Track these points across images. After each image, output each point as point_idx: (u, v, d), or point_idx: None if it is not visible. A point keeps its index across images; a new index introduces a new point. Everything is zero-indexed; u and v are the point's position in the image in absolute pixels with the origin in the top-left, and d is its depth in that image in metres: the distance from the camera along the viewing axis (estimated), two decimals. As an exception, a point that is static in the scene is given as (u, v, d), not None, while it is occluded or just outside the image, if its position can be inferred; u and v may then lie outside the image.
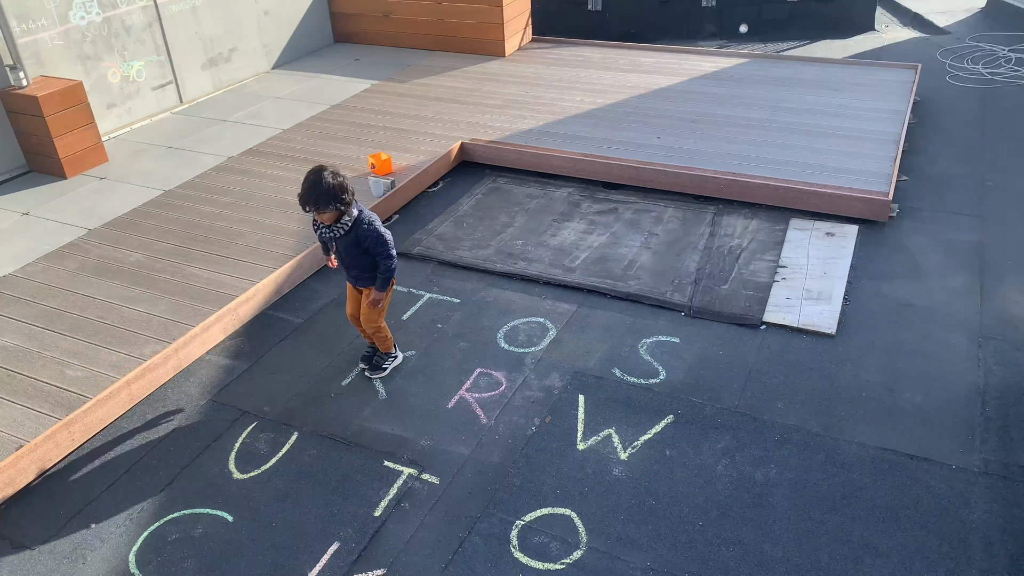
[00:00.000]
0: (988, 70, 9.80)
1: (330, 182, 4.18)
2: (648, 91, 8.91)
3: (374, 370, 4.96)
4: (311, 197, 4.20)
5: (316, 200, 4.20)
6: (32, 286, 5.74)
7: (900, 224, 6.41)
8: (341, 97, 9.19)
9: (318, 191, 4.18)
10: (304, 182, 4.22)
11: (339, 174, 4.25)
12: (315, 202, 4.21)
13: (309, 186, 4.20)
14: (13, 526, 4.09)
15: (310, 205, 4.22)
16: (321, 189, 4.18)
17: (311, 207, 4.23)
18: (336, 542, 3.90)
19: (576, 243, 6.33)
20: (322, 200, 4.20)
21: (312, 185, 4.19)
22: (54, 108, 7.24)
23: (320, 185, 4.17)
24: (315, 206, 4.23)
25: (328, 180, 4.18)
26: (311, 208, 4.24)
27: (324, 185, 4.17)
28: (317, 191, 4.18)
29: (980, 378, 4.75)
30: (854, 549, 3.74)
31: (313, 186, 4.19)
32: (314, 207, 4.23)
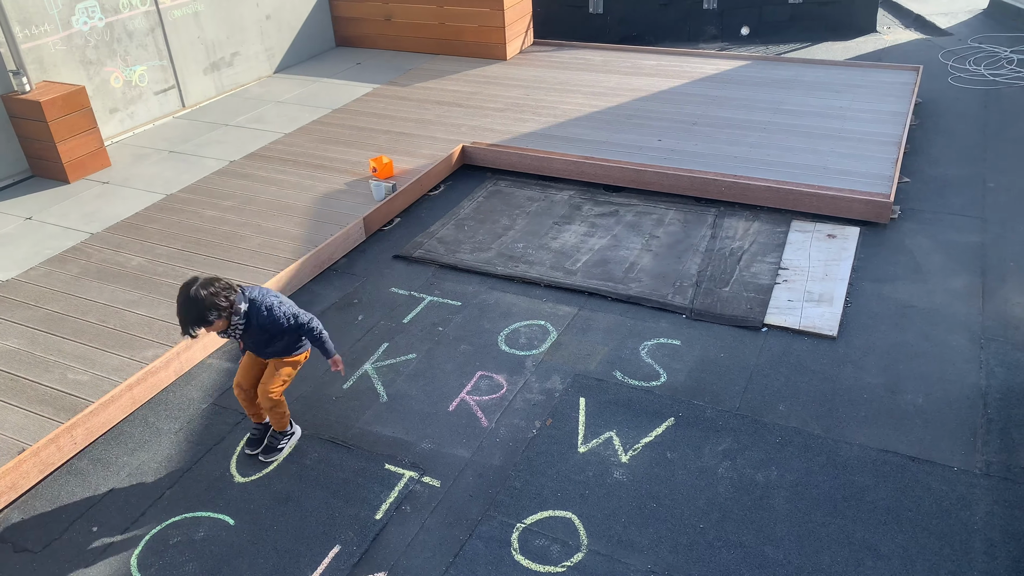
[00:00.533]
0: (990, 71, 9.79)
1: (200, 295, 3.76)
2: (649, 94, 8.92)
3: (268, 452, 4.45)
4: (190, 318, 3.80)
5: (196, 320, 3.80)
6: (35, 290, 5.76)
7: (901, 226, 6.41)
8: (343, 101, 9.21)
9: (192, 310, 3.78)
10: (177, 304, 3.83)
11: (210, 282, 3.81)
12: (196, 322, 3.81)
13: (181, 307, 3.81)
14: (15, 530, 4.10)
15: (192, 327, 3.82)
16: (193, 307, 3.77)
17: (193, 328, 3.83)
18: (337, 545, 3.90)
19: (577, 246, 6.34)
20: (201, 318, 3.80)
21: (183, 305, 3.80)
22: (57, 113, 7.27)
23: (190, 303, 3.77)
24: (198, 325, 3.82)
25: (199, 294, 3.76)
26: (194, 329, 3.83)
27: (195, 301, 3.76)
28: (190, 310, 3.78)
29: (982, 380, 4.74)
30: (855, 551, 3.73)
31: (184, 306, 3.79)
32: (197, 327, 3.82)
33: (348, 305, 5.76)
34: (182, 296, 3.79)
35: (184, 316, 3.81)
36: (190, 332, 3.84)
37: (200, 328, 3.84)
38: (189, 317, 3.80)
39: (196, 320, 3.80)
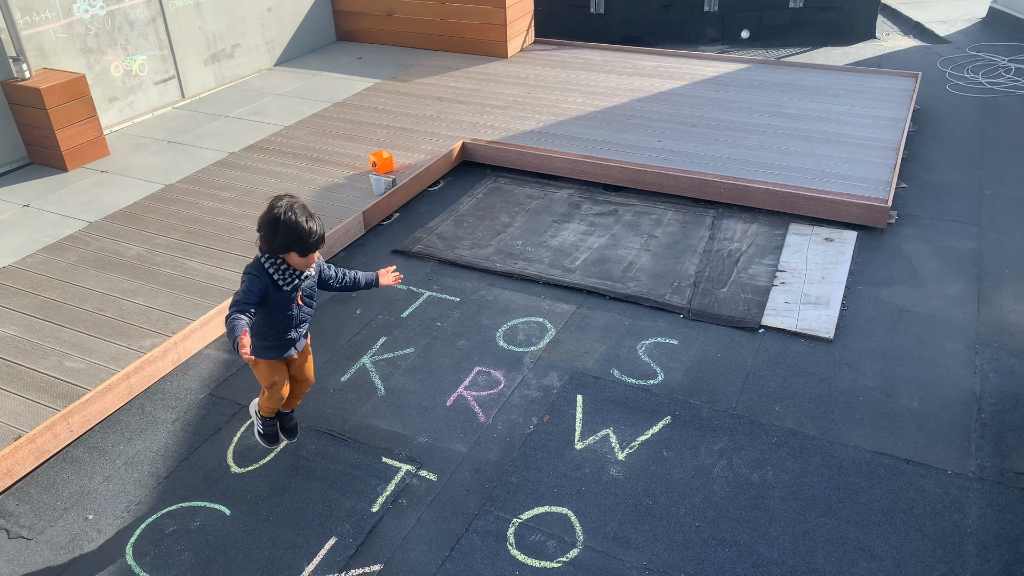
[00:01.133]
0: (988, 80, 9.85)
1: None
2: (649, 94, 8.94)
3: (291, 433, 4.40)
4: (319, 232, 3.61)
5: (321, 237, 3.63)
6: (32, 277, 5.74)
7: (899, 231, 6.45)
8: (343, 95, 9.21)
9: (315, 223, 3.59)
10: (301, 222, 3.54)
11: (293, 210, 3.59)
12: (322, 238, 3.65)
13: (309, 220, 3.57)
14: (10, 516, 4.09)
15: (320, 242, 3.64)
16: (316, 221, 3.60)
17: (320, 243, 3.65)
18: (333, 537, 3.91)
19: (576, 244, 6.35)
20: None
21: (309, 219, 3.57)
22: (56, 101, 7.24)
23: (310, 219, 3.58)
24: (322, 241, 3.65)
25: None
26: (319, 245, 3.66)
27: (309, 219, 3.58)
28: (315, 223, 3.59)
29: (976, 384, 4.77)
30: (849, 552, 3.76)
31: (312, 218, 3.59)
32: (321, 242, 3.66)
33: (346, 299, 5.76)
34: (287, 201, 3.57)
35: (318, 230, 3.60)
36: (319, 245, 3.65)
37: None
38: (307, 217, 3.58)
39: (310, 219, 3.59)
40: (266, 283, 3.62)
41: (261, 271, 3.64)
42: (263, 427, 4.25)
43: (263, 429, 4.26)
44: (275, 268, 3.65)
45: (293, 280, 3.71)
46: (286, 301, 3.74)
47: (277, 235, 3.54)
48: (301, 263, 3.66)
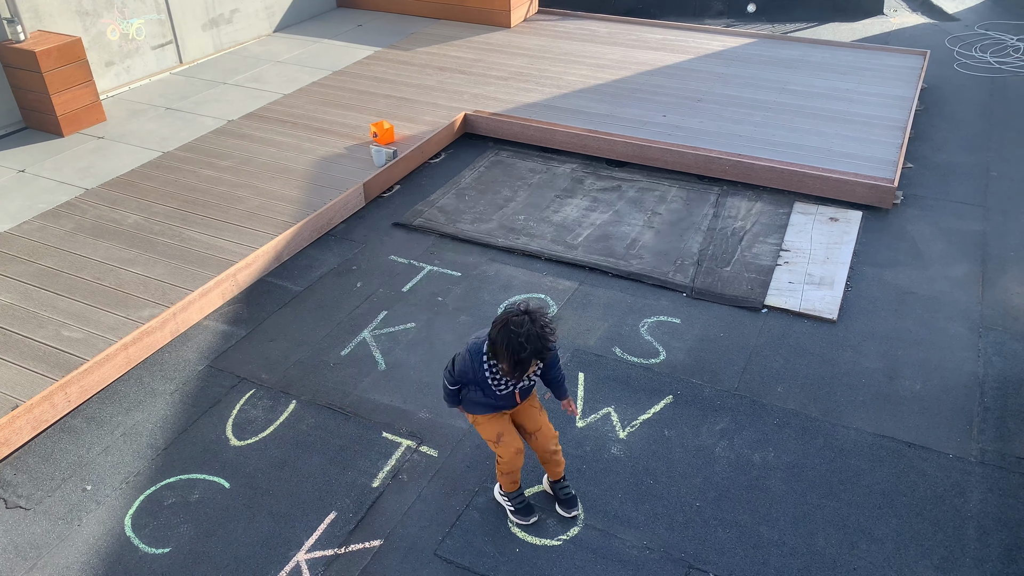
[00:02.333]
0: (996, 59, 9.73)
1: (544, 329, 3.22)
2: (654, 68, 8.82)
3: (568, 505, 3.87)
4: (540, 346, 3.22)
5: (539, 353, 3.23)
6: (28, 244, 5.67)
7: (904, 211, 6.39)
8: (343, 63, 9.07)
9: (538, 343, 3.20)
10: (530, 336, 3.18)
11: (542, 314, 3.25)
12: (538, 354, 3.24)
13: (526, 341, 3.18)
14: (8, 486, 4.07)
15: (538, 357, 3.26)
16: (539, 341, 3.20)
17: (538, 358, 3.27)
18: (334, 511, 3.90)
19: (579, 220, 6.29)
20: (543, 349, 3.24)
21: (529, 338, 3.18)
22: (52, 64, 7.11)
23: (535, 337, 3.19)
24: (538, 357, 3.26)
25: (543, 329, 3.21)
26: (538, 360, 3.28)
27: (540, 337, 3.20)
28: (535, 344, 3.20)
29: (979, 368, 4.76)
30: (849, 534, 3.76)
31: (529, 339, 3.18)
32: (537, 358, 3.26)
33: (347, 271, 5.71)
34: (527, 329, 3.17)
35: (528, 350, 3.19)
36: (535, 360, 3.26)
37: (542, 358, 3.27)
38: (533, 350, 3.20)
39: (539, 352, 3.22)
40: (479, 378, 3.42)
41: (476, 365, 3.40)
42: (511, 503, 3.82)
43: (512, 506, 3.82)
44: (491, 370, 3.40)
45: (507, 386, 3.46)
46: (495, 394, 3.51)
47: (501, 350, 3.23)
48: (511, 375, 3.31)
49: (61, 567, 3.66)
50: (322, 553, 3.70)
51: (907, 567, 3.60)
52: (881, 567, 3.60)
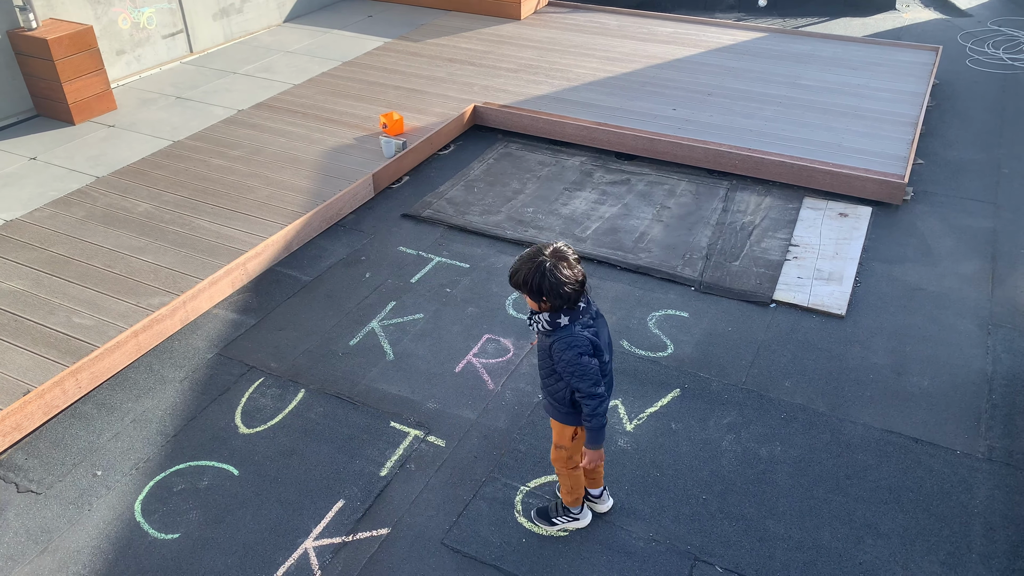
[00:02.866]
0: (1009, 55, 9.67)
1: (532, 266, 3.04)
2: (664, 61, 8.80)
3: (539, 514, 3.83)
4: (520, 278, 3.08)
5: (525, 283, 3.07)
6: (39, 232, 5.70)
7: (914, 208, 6.37)
8: (353, 54, 9.07)
9: (532, 276, 3.04)
10: (524, 261, 3.09)
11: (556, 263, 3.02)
12: (524, 285, 3.08)
13: (525, 265, 3.07)
14: (19, 471, 4.10)
15: (521, 285, 3.10)
16: (535, 275, 3.03)
17: (520, 287, 3.12)
18: (341, 499, 3.92)
19: (587, 213, 6.29)
20: (533, 287, 3.06)
21: (527, 264, 3.06)
22: (63, 52, 7.13)
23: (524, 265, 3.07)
24: (524, 289, 3.11)
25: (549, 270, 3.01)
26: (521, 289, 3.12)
27: (541, 274, 3.02)
28: (531, 274, 3.05)
29: (988, 365, 4.75)
30: (855, 529, 3.76)
31: (527, 268, 3.06)
32: (524, 289, 3.11)
33: (355, 262, 5.73)
34: (529, 263, 3.04)
35: (518, 276, 3.08)
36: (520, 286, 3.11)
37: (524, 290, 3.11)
38: (520, 278, 3.07)
39: (526, 285, 3.07)
40: (589, 336, 3.18)
41: (577, 331, 3.15)
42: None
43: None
44: (584, 321, 3.18)
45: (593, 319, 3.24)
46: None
47: (554, 285, 3.03)
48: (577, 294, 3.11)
49: (72, 551, 3.69)
50: (330, 541, 3.73)
51: (913, 562, 3.61)
52: (887, 562, 3.61)
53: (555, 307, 3.09)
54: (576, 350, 3.10)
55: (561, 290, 3.01)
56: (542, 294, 3.04)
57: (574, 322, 3.13)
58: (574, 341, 3.11)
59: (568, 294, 3.03)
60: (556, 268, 3.00)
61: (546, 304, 3.09)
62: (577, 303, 3.11)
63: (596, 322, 3.23)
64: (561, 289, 3.00)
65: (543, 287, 3.02)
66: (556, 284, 3.00)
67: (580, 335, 3.12)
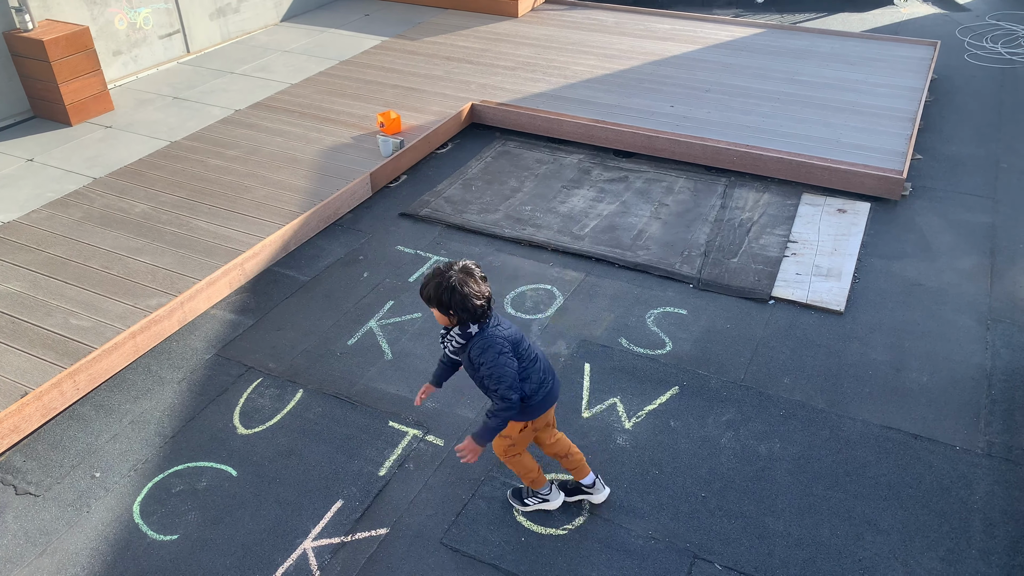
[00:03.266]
0: (1007, 50, 9.66)
1: (453, 286, 3.14)
2: (662, 58, 8.78)
3: (514, 496, 3.91)
4: (429, 292, 3.22)
5: (434, 300, 3.21)
6: (37, 233, 5.69)
7: (912, 203, 6.36)
8: (350, 53, 9.05)
9: (439, 292, 3.18)
10: (430, 279, 3.23)
11: (470, 279, 3.17)
12: (434, 301, 3.22)
13: (431, 282, 3.21)
14: (17, 473, 4.10)
15: (431, 301, 3.23)
16: (444, 292, 3.16)
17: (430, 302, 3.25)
18: (340, 500, 3.92)
19: (585, 211, 6.28)
20: (441, 302, 3.19)
21: (432, 281, 3.20)
22: (60, 53, 7.12)
23: (441, 287, 3.17)
24: (433, 304, 3.24)
25: (454, 284, 3.14)
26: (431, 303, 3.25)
27: (447, 290, 3.15)
28: (439, 290, 3.18)
29: (987, 360, 4.74)
30: (855, 525, 3.76)
31: (433, 285, 3.20)
32: (433, 304, 3.24)
33: (353, 261, 5.72)
34: (438, 278, 3.17)
35: (426, 290, 3.21)
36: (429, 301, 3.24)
37: (433, 304, 3.23)
38: (429, 291, 3.20)
39: (434, 300, 3.19)
40: (514, 342, 3.34)
41: (498, 335, 3.27)
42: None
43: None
44: (502, 331, 3.31)
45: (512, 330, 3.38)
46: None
47: (464, 302, 3.17)
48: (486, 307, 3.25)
49: (70, 553, 3.69)
50: (329, 541, 3.72)
51: (913, 559, 3.60)
52: (887, 558, 3.60)
53: (463, 320, 3.23)
54: (494, 350, 3.22)
55: (468, 303, 3.14)
56: (450, 307, 3.17)
57: (484, 329, 3.25)
58: (489, 342, 3.23)
59: (475, 308, 3.17)
60: (464, 283, 3.14)
61: (454, 318, 3.23)
62: (485, 319, 3.24)
63: (511, 330, 3.35)
64: (468, 303, 3.14)
65: (452, 301, 3.15)
66: (464, 298, 3.13)
67: (495, 336, 3.25)
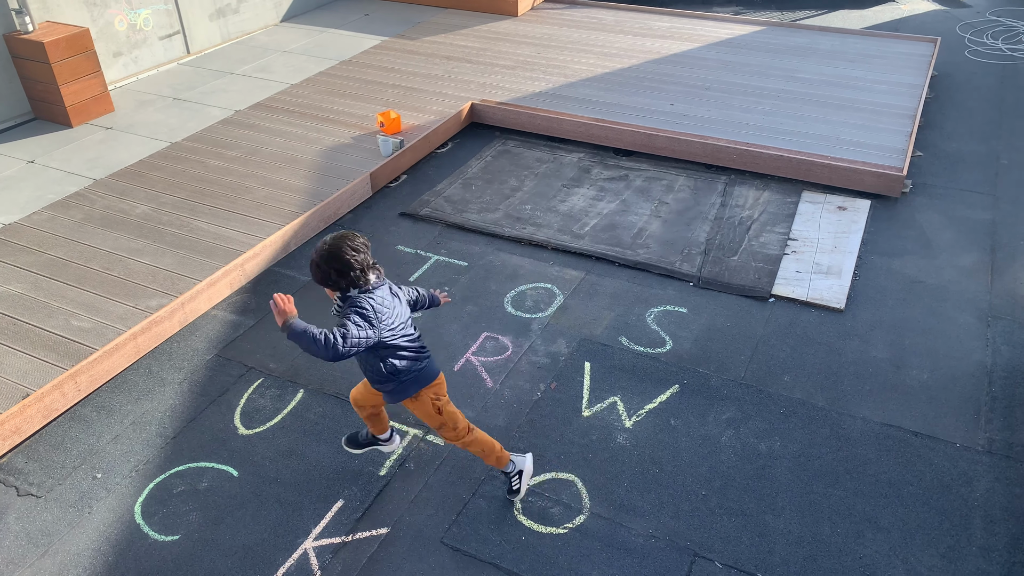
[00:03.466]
0: (1008, 46, 9.64)
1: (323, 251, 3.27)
2: (661, 56, 8.78)
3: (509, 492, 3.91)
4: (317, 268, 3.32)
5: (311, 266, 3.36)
6: (38, 235, 5.70)
7: (913, 200, 6.36)
8: (350, 53, 9.06)
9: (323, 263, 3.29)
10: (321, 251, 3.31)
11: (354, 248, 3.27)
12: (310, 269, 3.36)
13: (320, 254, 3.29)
14: (19, 474, 4.11)
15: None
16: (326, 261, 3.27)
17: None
18: (341, 499, 3.92)
19: (585, 209, 6.28)
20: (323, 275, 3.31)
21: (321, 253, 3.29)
22: (60, 55, 7.13)
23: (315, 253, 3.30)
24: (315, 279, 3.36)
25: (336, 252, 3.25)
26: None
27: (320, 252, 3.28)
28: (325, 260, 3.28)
29: (987, 357, 4.74)
30: (855, 523, 3.76)
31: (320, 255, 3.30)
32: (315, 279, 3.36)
33: (354, 261, 5.72)
34: (319, 249, 3.27)
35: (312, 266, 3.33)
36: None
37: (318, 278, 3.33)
38: (312, 268, 3.33)
39: (316, 271, 3.30)
40: (378, 312, 3.35)
41: (366, 304, 3.31)
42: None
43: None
44: (372, 299, 3.34)
45: (392, 301, 3.44)
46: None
47: (348, 262, 3.26)
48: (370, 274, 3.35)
49: (72, 554, 3.70)
50: (329, 541, 3.73)
51: (913, 556, 3.60)
52: (887, 556, 3.60)
53: (342, 288, 3.32)
54: (355, 308, 3.28)
55: (349, 272, 3.25)
56: (330, 277, 3.27)
57: (361, 294, 3.33)
58: (357, 302, 3.29)
59: (355, 274, 3.26)
60: (341, 249, 3.24)
61: (336, 291, 3.34)
62: (363, 284, 3.31)
63: (392, 300, 3.44)
64: (349, 271, 3.25)
65: (331, 269, 3.25)
66: (344, 265, 3.23)
67: (363, 299, 3.30)
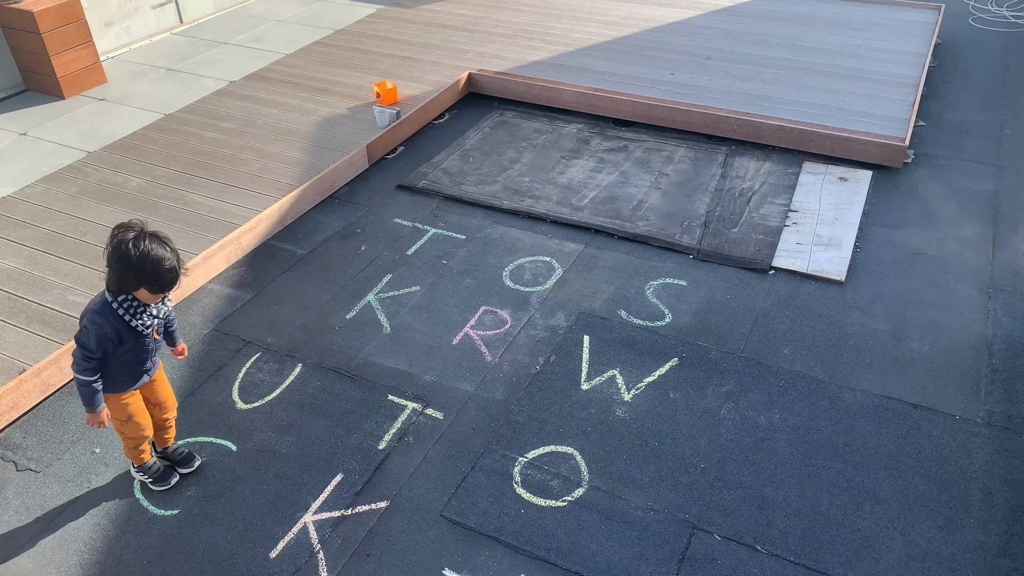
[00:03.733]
0: (1013, 14, 9.51)
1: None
2: (662, 24, 8.66)
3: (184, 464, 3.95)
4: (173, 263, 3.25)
5: None
6: (32, 208, 5.65)
7: (915, 171, 6.30)
8: (345, 21, 8.93)
9: None
10: (159, 253, 3.19)
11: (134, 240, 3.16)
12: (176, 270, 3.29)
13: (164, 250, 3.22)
14: (17, 449, 4.11)
15: (177, 275, 3.28)
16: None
17: (177, 276, 3.29)
18: (340, 474, 3.92)
19: (584, 181, 6.22)
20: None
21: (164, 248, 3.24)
22: (50, 24, 7.02)
23: None
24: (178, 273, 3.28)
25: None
26: (177, 279, 3.29)
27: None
28: None
29: (988, 329, 4.72)
30: (854, 495, 3.76)
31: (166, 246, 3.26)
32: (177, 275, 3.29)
33: (351, 235, 5.68)
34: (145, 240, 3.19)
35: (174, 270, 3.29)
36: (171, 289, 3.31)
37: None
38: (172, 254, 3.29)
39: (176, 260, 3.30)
40: (117, 329, 3.27)
41: (111, 316, 3.25)
42: (148, 475, 3.84)
43: (149, 477, 3.85)
44: (127, 310, 3.27)
45: (148, 320, 3.35)
46: (141, 339, 3.39)
47: (129, 270, 3.15)
48: (152, 299, 3.28)
49: (72, 528, 3.70)
50: (329, 515, 3.74)
51: (912, 528, 3.61)
52: (886, 528, 3.61)
53: (120, 286, 3.21)
54: (96, 323, 3.21)
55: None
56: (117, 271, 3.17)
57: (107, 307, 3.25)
58: (105, 312, 3.23)
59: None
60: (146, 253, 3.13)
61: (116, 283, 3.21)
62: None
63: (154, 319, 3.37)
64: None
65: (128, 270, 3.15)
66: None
67: (100, 314, 3.22)
